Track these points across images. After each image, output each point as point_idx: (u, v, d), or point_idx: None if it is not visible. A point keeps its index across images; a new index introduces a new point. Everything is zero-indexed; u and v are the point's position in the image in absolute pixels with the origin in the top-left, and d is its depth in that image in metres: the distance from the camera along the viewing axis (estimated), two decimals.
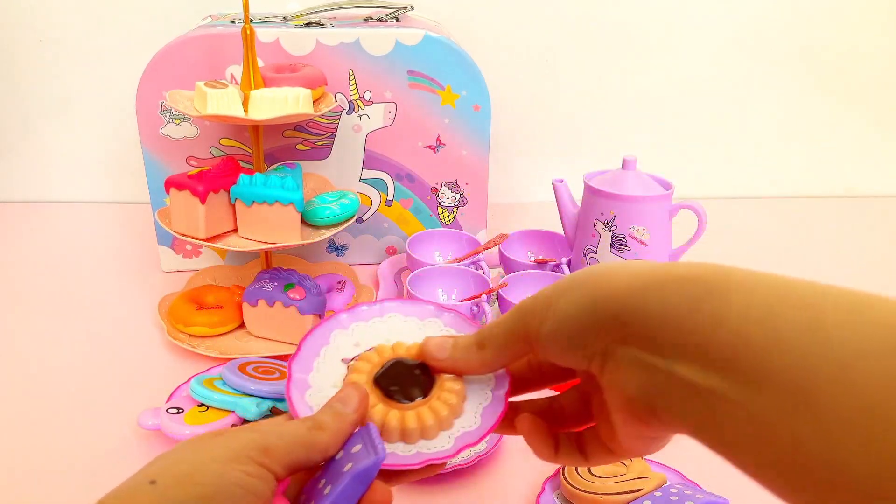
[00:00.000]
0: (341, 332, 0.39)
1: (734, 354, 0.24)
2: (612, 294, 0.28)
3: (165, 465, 0.29)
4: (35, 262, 0.92)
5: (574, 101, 1.11)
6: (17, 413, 0.63)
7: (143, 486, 0.27)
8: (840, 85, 1.12)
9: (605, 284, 0.29)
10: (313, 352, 0.38)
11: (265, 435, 0.30)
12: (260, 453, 0.29)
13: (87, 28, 1.03)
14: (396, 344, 0.38)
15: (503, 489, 0.55)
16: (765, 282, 0.26)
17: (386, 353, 0.38)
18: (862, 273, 0.91)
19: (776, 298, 0.25)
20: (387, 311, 0.40)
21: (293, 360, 0.37)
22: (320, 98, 0.74)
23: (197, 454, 0.29)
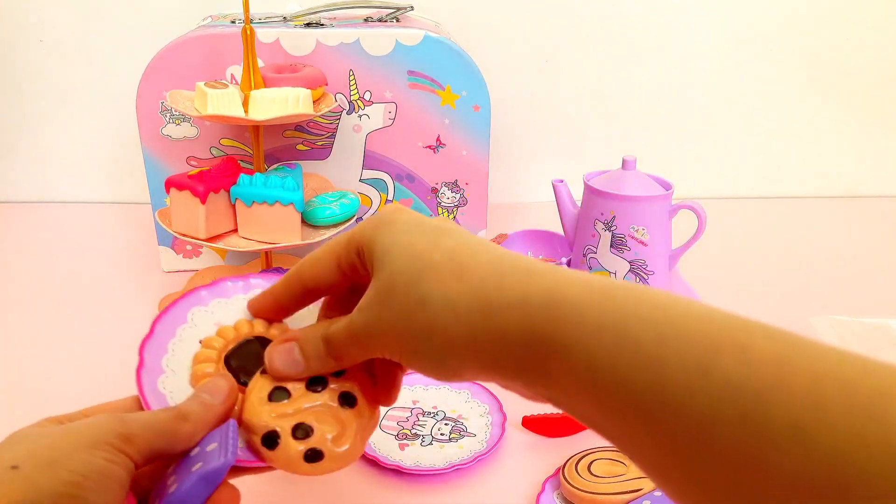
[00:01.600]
0: (200, 310, 0.36)
1: (590, 398, 0.26)
2: (471, 352, 0.29)
3: (27, 450, 0.28)
4: (35, 262, 0.92)
5: (574, 101, 1.11)
6: (16, 413, 0.63)
7: (3, 472, 0.26)
8: (840, 85, 1.12)
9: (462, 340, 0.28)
10: (168, 332, 0.35)
11: (126, 423, 0.30)
12: (121, 440, 0.29)
13: (87, 28, 1.03)
14: (257, 321, 0.36)
15: (503, 489, 0.55)
16: (597, 325, 0.26)
17: (244, 329, 0.35)
18: (862, 273, 0.91)
19: (615, 351, 0.25)
20: (252, 288, 0.37)
21: (145, 342, 0.34)
22: (320, 98, 0.74)
23: (59, 439, 0.28)
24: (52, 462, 0.27)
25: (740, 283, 0.87)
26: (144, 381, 0.33)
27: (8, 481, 0.26)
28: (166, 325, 0.35)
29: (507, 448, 0.60)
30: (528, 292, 0.27)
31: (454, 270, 0.29)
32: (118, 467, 0.28)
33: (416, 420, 0.61)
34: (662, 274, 0.74)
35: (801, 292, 0.85)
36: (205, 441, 0.31)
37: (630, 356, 0.24)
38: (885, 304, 0.82)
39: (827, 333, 0.71)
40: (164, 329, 0.35)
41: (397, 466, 0.55)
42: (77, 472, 0.27)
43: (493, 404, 0.62)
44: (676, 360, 0.23)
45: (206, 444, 0.31)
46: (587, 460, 0.54)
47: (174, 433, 0.31)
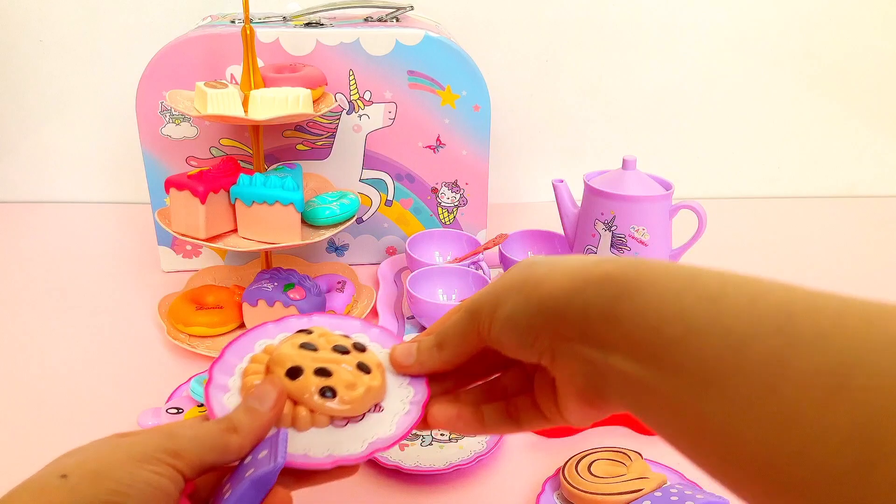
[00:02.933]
0: (267, 342, 0.40)
1: (651, 347, 0.27)
2: (550, 296, 0.31)
3: (77, 462, 0.29)
4: (35, 262, 0.92)
5: (574, 101, 1.11)
6: (16, 413, 0.63)
7: (53, 479, 0.28)
8: (840, 85, 1.12)
9: (544, 287, 0.31)
10: (237, 357, 0.38)
11: (176, 438, 0.31)
12: (170, 455, 0.30)
13: (87, 28, 1.03)
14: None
15: (503, 489, 0.55)
16: (672, 276, 0.28)
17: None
18: (862, 273, 0.91)
19: (682, 292, 0.27)
20: (313, 324, 0.41)
21: (215, 364, 0.38)
22: (320, 98, 0.74)
23: (108, 453, 0.30)
24: (99, 473, 0.28)
25: None
26: (212, 396, 0.36)
27: (56, 489, 0.28)
28: (234, 351, 0.39)
29: (507, 448, 0.59)
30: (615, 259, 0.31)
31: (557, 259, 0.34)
32: (166, 480, 0.29)
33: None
34: None
35: None
36: (258, 449, 0.33)
37: (696, 292, 0.27)
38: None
39: None
40: (232, 354, 0.39)
41: (397, 466, 0.55)
42: (123, 483, 0.28)
43: None
44: (732, 290, 0.26)
45: (259, 452, 0.33)
46: (587, 460, 0.54)
47: (224, 446, 0.32)
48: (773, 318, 0.24)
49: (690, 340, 0.26)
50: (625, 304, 0.28)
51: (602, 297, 0.29)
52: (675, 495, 0.50)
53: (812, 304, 0.24)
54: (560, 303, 0.31)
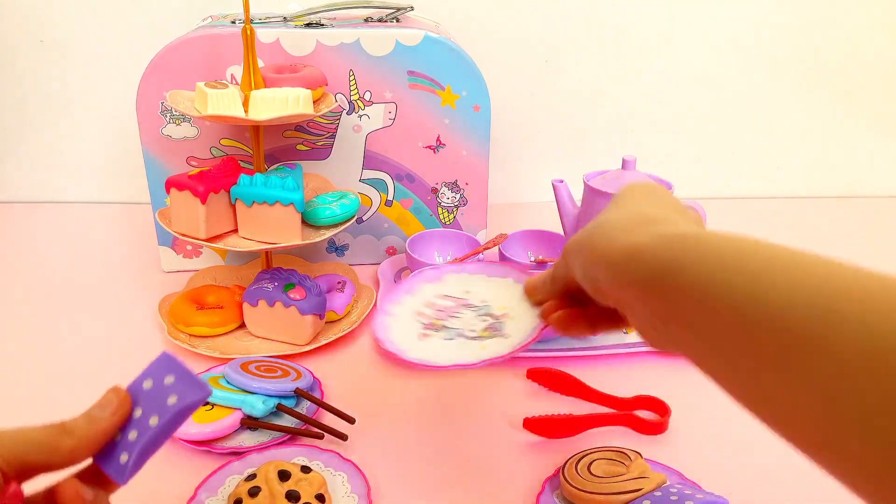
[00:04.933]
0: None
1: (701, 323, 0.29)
2: (604, 263, 0.35)
3: None
4: (35, 262, 0.92)
5: (574, 101, 1.11)
6: (16, 414, 0.63)
7: None
8: (840, 85, 1.13)
9: (598, 253, 0.36)
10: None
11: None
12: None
13: (87, 28, 1.03)
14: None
15: (503, 489, 0.55)
16: (716, 253, 0.31)
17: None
18: None
19: (724, 272, 0.29)
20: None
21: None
22: (320, 98, 0.74)
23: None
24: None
25: None
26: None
27: None
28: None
29: (507, 448, 0.60)
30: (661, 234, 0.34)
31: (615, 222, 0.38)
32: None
33: (455, 311, 0.54)
34: None
35: None
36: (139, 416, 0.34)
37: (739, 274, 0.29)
38: None
39: None
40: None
41: (396, 353, 0.48)
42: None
43: None
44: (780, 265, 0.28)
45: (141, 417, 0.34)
46: (587, 460, 0.54)
47: (54, 447, 0.32)
48: (814, 298, 0.25)
49: (734, 320, 0.27)
50: (669, 281, 0.31)
51: (649, 274, 0.32)
52: (674, 495, 0.50)
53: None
54: (616, 269, 0.34)
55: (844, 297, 0.24)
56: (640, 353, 0.71)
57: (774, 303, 0.26)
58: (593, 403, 0.64)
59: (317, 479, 0.51)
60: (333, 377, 0.68)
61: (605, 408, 0.64)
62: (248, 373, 0.60)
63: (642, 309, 0.33)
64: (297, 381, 0.61)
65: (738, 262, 0.29)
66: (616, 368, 0.70)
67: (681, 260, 0.31)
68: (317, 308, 0.71)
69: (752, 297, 0.27)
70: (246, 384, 0.59)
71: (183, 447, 0.57)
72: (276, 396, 0.59)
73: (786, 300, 0.25)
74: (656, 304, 0.32)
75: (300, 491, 0.50)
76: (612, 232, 0.36)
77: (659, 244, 0.32)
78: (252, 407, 0.58)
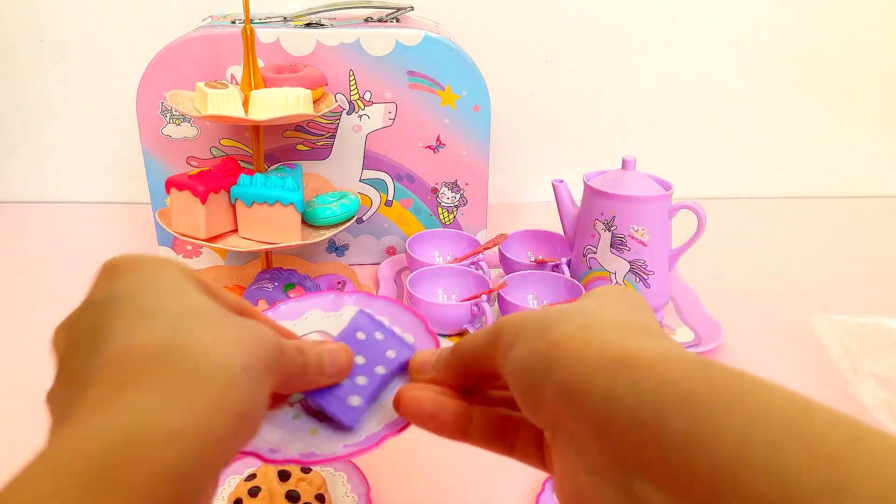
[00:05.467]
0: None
1: (726, 498, 0.19)
2: (573, 368, 0.24)
3: (252, 351, 0.25)
4: (35, 262, 0.92)
5: (574, 101, 1.11)
6: (16, 414, 0.63)
7: (237, 372, 0.24)
8: (840, 85, 1.13)
9: (570, 351, 0.24)
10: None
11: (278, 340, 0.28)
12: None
13: (87, 28, 1.03)
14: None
15: (503, 489, 0.55)
16: (762, 403, 0.20)
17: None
18: (862, 273, 0.91)
19: (779, 427, 0.20)
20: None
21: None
22: (320, 98, 0.74)
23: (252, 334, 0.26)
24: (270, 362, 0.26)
25: (740, 283, 0.87)
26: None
27: (243, 385, 0.24)
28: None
29: None
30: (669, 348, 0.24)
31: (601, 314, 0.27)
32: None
33: None
34: (662, 274, 0.75)
35: (800, 292, 0.85)
36: (358, 369, 0.33)
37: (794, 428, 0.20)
38: (885, 304, 0.82)
39: (827, 333, 0.71)
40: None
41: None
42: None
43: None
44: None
45: (366, 367, 0.33)
46: None
47: (303, 367, 0.30)
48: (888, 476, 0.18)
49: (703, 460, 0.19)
50: (679, 422, 0.20)
51: (642, 401, 0.21)
52: None
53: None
54: (575, 380, 0.23)
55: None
56: None
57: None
58: None
59: (317, 479, 0.51)
60: None
61: None
62: None
63: (597, 442, 0.22)
64: None
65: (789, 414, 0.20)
66: None
67: (702, 394, 0.21)
68: None
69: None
70: None
71: None
72: None
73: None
74: (632, 440, 0.21)
75: (300, 491, 0.50)
76: (599, 328, 0.25)
77: (670, 360, 0.22)
78: None
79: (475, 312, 0.71)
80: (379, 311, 0.38)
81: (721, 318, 0.75)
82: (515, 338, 0.27)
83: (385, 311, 0.38)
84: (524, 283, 0.76)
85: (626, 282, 0.74)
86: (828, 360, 0.69)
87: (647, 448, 0.21)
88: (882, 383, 0.62)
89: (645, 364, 0.22)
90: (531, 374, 0.25)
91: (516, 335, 0.27)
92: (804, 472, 0.18)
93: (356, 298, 0.39)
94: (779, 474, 0.18)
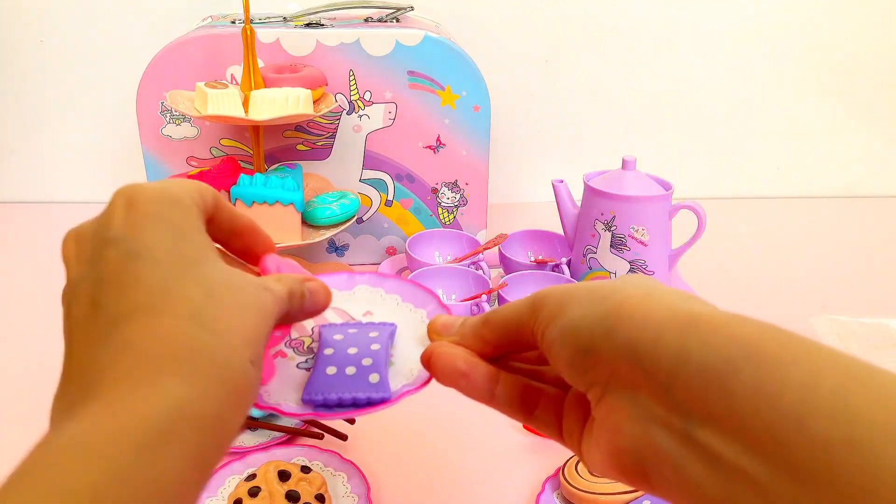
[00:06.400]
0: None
1: (789, 441, 0.20)
2: (634, 322, 0.25)
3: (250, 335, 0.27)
4: (35, 263, 0.92)
5: (574, 101, 1.11)
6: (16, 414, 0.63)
7: (246, 365, 0.26)
8: (840, 85, 1.12)
9: (629, 308, 0.25)
10: None
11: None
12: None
13: (87, 28, 1.03)
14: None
15: (503, 489, 0.55)
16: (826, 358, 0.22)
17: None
18: (862, 273, 0.91)
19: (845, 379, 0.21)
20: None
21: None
22: (320, 98, 0.74)
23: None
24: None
25: (740, 283, 0.87)
26: None
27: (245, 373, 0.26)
28: None
29: (507, 448, 0.60)
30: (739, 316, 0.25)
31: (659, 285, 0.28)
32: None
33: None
34: (662, 274, 0.75)
35: (801, 292, 0.85)
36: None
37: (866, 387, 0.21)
38: (885, 304, 0.82)
39: (827, 333, 0.71)
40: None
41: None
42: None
43: None
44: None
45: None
46: None
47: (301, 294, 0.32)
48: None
49: (854, 448, 0.19)
50: (748, 374, 0.21)
51: (713, 355, 0.22)
52: None
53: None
54: (645, 336, 0.24)
55: None
56: None
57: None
58: None
59: (317, 480, 0.51)
60: None
61: None
62: None
63: (662, 394, 0.23)
64: None
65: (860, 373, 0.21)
66: None
67: (775, 351, 0.22)
68: None
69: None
70: None
71: None
72: None
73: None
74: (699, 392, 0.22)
75: (300, 491, 0.50)
76: (651, 292, 0.26)
77: (739, 323, 0.23)
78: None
79: (475, 312, 0.71)
80: (391, 289, 0.41)
81: None
82: (563, 306, 0.27)
83: (397, 288, 0.41)
84: (524, 283, 0.76)
85: None
86: None
87: (714, 398, 0.22)
88: None
89: (715, 324, 0.23)
90: (588, 333, 0.26)
91: (564, 303, 0.28)
92: (867, 417, 0.19)
93: (369, 277, 0.42)
94: (843, 417, 0.19)
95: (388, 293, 0.41)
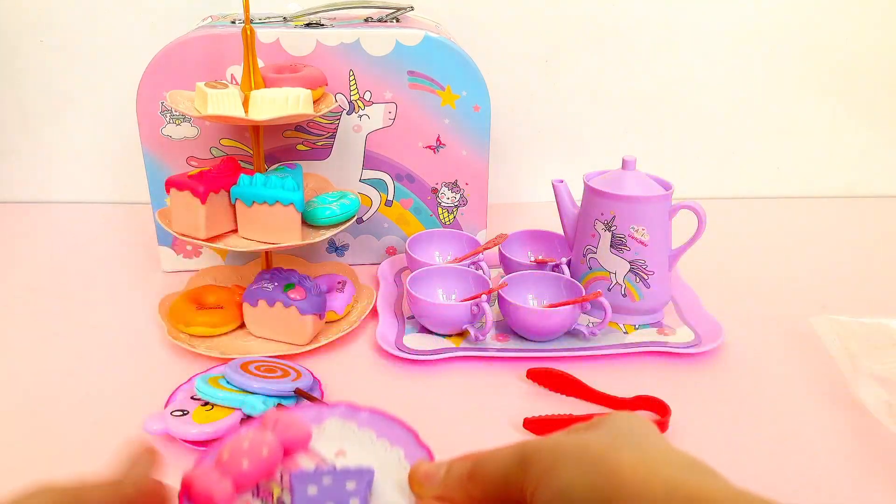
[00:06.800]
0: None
1: None
2: (636, 501, 0.24)
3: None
4: (35, 262, 0.92)
5: (574, 101, 1.11)
6: (16, 414, 0.63)
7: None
8: (840, 85, 1.13)
9: (632, 486, 0.24)
10: None
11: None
12: None
13: (87, 28, 1.03)
14: None
15: None
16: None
17: None
18: (862, 273, 0.91)
19: None
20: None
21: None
22: (320, 98, 0.74)
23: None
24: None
25: (740, 283, 0.87)
26: None
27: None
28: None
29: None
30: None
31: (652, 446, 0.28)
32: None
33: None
34: (662, 274, 0.75)
35: (801, 292, 0.85)
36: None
37: None
38: (885, 304, 0.82)
39: (827, 333, 0.71)
40: None
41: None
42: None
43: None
44: None
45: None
46: None
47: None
48: None
49: None
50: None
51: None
52: None
53: None
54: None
55: None
56: (640, 353, 0.71)
57: None
58: (593, 403, 0.64)
59: None
60: (333, 377, 0.68)
61: (606, 408, 0.64)
62: (248, 373, 0.60)
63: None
64: (297, 381, 0.61)
65: None
66: (616, 368, 0.70)
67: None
68: (317, 308, 0.71)
69: None
70: (246, 384, 0.59)
71: (183, 447, 0.57)
72: (276, 396, 0.59)
73: None
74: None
75: None
76: (659, 462, 0.25)
77: (736, 500, 0.24)
78: (252, 407, 0.58)
79: (475, 312, 0.71)
80: (364, 424, 0.38)
81: (721, 318, 0.75)
82: (554, 466, 0.27)
83: (371, 423, 0.38)
84: (524, 283, 0.76)
85: (626, 282, 0.74)
86: (828, 360, 0.69)
87: None
88: (882, 383, 0.62)
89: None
90: (585, 502, 0.25)
91: (555, 463, 0.27)
92: None
93: (342, 410, 0.40)
94: None
95: (361, 428, 0.38)
